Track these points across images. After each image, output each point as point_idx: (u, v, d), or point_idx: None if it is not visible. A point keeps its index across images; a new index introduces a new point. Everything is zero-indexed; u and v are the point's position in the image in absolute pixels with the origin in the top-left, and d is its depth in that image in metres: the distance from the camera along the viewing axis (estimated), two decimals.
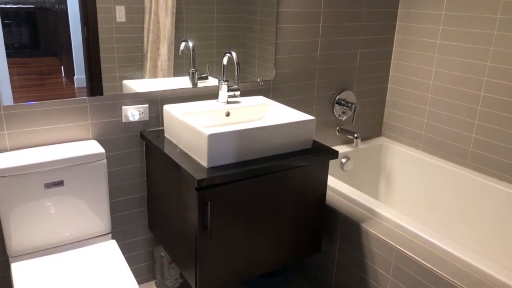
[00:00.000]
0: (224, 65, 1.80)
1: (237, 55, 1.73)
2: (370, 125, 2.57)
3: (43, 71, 1.61)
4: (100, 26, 1.64)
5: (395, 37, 2.45)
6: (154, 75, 1.82)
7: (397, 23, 2.42)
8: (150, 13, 1.74)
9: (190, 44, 1.85)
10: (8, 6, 1.50)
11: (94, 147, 1.62)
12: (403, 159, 2.46)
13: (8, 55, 1.52)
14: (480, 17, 2.04)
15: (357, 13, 2.25)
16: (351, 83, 2.38)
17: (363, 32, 2.32)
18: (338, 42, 2.25)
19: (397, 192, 2.52)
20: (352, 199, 1.94)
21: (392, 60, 2.49)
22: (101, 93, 1.70)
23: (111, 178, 1.81)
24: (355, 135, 2.33)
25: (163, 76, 1.84)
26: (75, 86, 1.67)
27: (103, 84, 1.70)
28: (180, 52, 1.84)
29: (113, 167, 1.80)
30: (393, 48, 2.47)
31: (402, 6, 2.38)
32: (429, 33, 2.27)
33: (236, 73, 1.73)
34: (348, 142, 2.49)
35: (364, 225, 1.79)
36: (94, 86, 1.69)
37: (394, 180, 2.53)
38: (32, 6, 1.54)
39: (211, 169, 1.48)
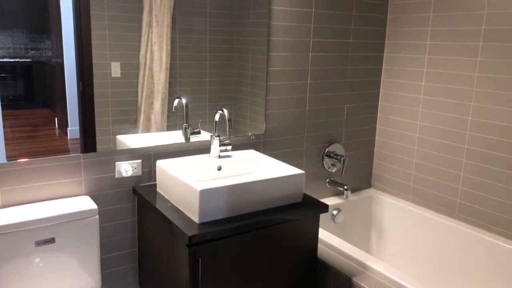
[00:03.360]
0: (216, 121, 1.84)
1: (229, 112, 1.78)
2: (360, 176, 2.61)
3: (37, 123, 1.62)
4: (96, 81, 1.68)
5: (380, 92, 2.54)
6: (148, 128, 1.85)
7: (381, 79, 2.53)
8: (144, 69, 1.80)
9: (184, 101, 1.91)
10: (5, 60, 1.52)
11: (86, 203, 1.62)
12: (393, 211, 2.48)
13: (3, 107, 1.52)
14: (460, 74, 2.14)
15: (343, 70, 2.35)
16: (339, 136, 2.44)
17: (350, 88, 2.41)
18: (326, 97, 2.33)
19: (389, 243, 2.52)
20: (343, 253, 1.94)
21: (378, 114, 2.57)
22: (94, 149, 1.72)
23: (102, 233, 1.80)
24: (345, 187, 2.36)
25: (157, 129, 1.87)
26: (68, 137, 1.68)
27: (97, 138, 1.71)
28: (173, 109, 1.89)
29: (105, 223, 1.80)
30: (379, 103, 2.56)
31: (386, 63, 2.49)
32: (412, 88, 2.37)
33: (227, 129, 1.78)
34: (339, 194, 2.52)
35: (356, 280, 1.78)
36: (88, 142, 1.70)
37: (385, 232, 2.54)
38: (29, 60, 1.57)
39: (203, 224, 1.49)
